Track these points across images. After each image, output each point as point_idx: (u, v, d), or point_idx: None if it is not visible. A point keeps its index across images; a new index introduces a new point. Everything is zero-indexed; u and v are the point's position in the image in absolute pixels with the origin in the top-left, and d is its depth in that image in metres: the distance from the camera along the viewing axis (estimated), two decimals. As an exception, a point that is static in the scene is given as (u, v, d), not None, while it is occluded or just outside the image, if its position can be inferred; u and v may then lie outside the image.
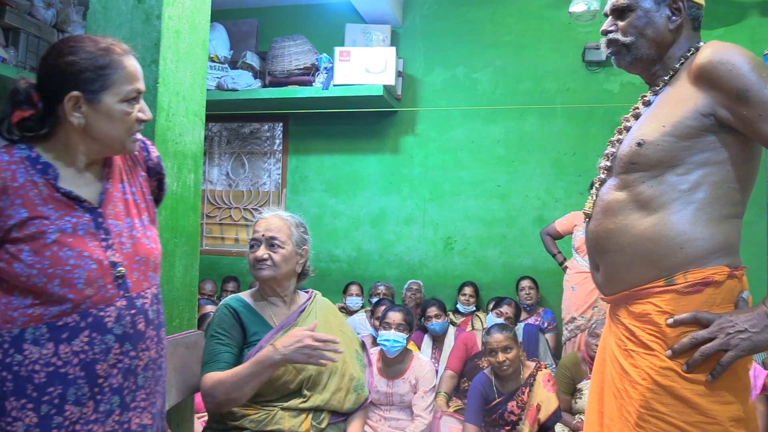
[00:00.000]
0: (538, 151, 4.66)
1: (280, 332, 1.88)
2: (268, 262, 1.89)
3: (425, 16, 4.92)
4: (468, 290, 4.33)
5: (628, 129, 1.42)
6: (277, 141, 5.27)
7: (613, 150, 1.43)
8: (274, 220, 1.96)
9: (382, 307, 3.44)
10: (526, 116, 4.69)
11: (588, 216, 1.47)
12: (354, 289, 4.44)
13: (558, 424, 2.91)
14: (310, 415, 1.85)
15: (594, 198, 1.45)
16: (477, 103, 4.76)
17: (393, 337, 2.94)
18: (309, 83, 4.59)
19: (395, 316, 2.99)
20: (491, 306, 3.85)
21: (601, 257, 1.41)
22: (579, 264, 3.86)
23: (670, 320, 1.27)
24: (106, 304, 1.31)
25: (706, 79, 1.28)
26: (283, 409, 1.82)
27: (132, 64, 1.33)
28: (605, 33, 1.45)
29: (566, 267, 3.99)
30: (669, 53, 1.40)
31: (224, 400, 1.76)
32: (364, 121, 4.95)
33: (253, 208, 5.26)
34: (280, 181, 5.23)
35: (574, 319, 3.81)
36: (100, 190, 1.37)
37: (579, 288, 3.81)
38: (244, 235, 5.25)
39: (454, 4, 4.85)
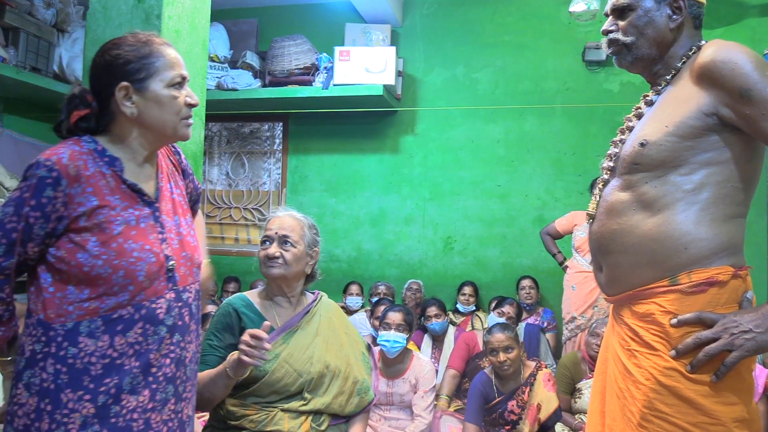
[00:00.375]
0: (538, 150, 4.66)
1: (282, 333, 1.87)
2: (280, 260, 1.88)
3: (425, 16, 4.92)
4: (467, 290, 4.33)
5: (630, 129, 1.41)
6: (277, 141, 5.26)
7: (616, 150, 1.42)
8: (288, 219, 1.95)
9: (382, 307, 3.44)
10: (526, 116, 4.69)
11: (591, 217, 1.46)
12: (354, 288, 4.45)
13: (558, 423, 2.91)
14: (310, 417, 1.84)
15: (597, 199, 1.45)
16: (477, 102, 4.76)
17: (393, 338, 2.94)
18: (309, 83, 4.59)
19: (395, 317, 2.99)
20: (493, 305, 3.85)
21: (604, 258, 1.41)
22: (579, 263, 3.86)
23: (674, 320, 1.26)
24: (157, 296, 1.34)
25: (708, 78, 1.27)
26: (283, 410, 1.82)
27: (172, 52, 1.38)
28: (606, 33, 1.44)
29: (566, 267, 3.99)
30: (670, 52, 1.39)
31: (198, 399, 1.77)
32: (364, 121, 4.95)
33: (253, 208, 5.26)
34: (280, 180, 5.23)
35: (574, 318, 3.81)
36: (155, 187, 1.42)
37: (579, 287, 3.81)
38: (244, 235, 5.26)
39: (454, 4, 4.85)
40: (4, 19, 3.57)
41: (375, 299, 4.13)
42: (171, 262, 1.37)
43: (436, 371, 3.39)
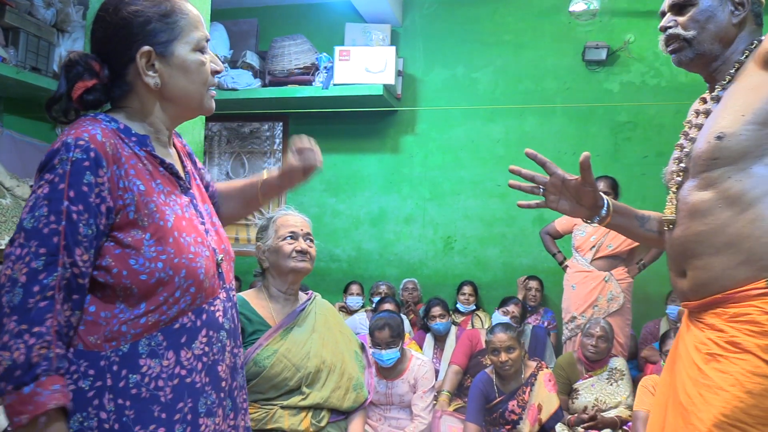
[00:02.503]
0: (538, 150, 4.53)
1: (279, 331, 1.89)
2: (307, 256, 1.95)
3: (425, 16, 4.92)
4: (467, 289, 4.32)
5: (699, 126, 1.33)
6: (277, 140, 5.27)
7: (686, 150, 1.34)
8: (302, 219, 2.02)
9: (385, 305, 3.42)
10: (526, 116, 4.69)
11: (672, 223, 1.36)
12: (354, 288, 4.44)
13: (558, 423, 2.91)
14: (310, 414, 1.86)
15: (675, 202, 1.36)
16: (477, 102, 4.76)
17: (386, 356, 2.88)
18: (309, 83, 4.60)
19: (383, 335, 2.86)
20: (499, 305, 3.86)
21: (690, 262, 1.31)
22: (579, 263, 3.85)
23: None
24: (214, 297, 1.14)
25: None
26: (282, 407, 1.83)
27: (194, 9, 1.16)
28: (664, 29, 1.37)
29: (566, 266, 3.99)
30: (731, 48, 1.33)
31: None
32: (364, 121, 4.95)
33: (253, 208, 5.26)
34: (280, 180, 5.23)
35: (574, 318, 3.80)
36: (183, 171, 1.21)
37: (579, 287, 3.80)
38: (244, 235, 5.26)
39: (454, 4, 4.85)
40: (4, 19, 3.58)
41: (376, 299, 4.12)
42: (219, 256, 1.17)
43: (437, 371, 3.39)
